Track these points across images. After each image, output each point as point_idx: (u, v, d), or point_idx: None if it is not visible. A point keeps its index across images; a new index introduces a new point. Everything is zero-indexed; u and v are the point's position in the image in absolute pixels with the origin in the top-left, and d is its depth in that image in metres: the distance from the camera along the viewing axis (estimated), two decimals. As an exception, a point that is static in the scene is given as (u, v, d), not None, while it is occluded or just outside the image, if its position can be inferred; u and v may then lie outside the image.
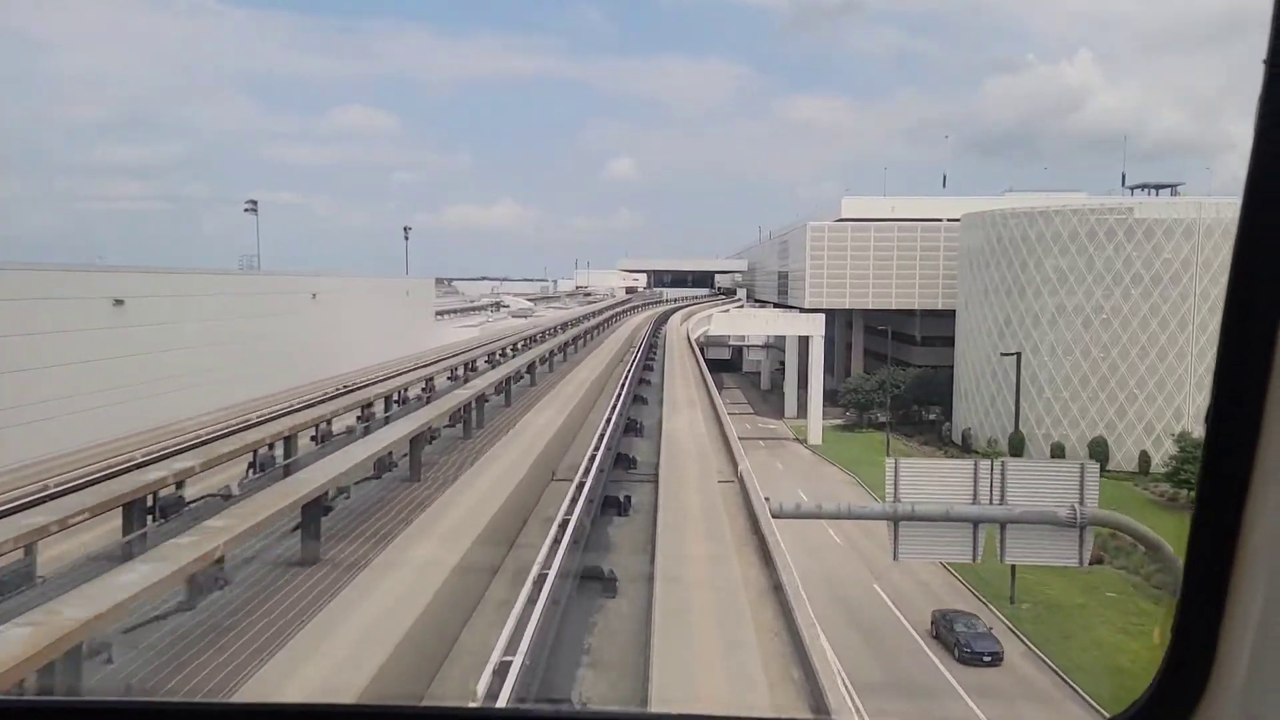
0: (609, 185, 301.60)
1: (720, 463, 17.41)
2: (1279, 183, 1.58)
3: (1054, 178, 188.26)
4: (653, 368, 33.92)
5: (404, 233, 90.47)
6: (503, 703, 6.69)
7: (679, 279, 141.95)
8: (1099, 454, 63.74)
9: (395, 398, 19.39)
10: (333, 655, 7.14)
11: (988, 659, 29.72)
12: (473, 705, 6.54)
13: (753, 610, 9.28)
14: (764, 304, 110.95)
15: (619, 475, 16.60)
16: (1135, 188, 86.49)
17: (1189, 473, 46.74)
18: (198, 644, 7.69)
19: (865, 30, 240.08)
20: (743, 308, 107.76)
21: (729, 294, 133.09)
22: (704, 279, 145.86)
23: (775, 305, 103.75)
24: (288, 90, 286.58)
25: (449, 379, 23.69)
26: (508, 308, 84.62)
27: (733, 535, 12.22)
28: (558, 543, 10.24)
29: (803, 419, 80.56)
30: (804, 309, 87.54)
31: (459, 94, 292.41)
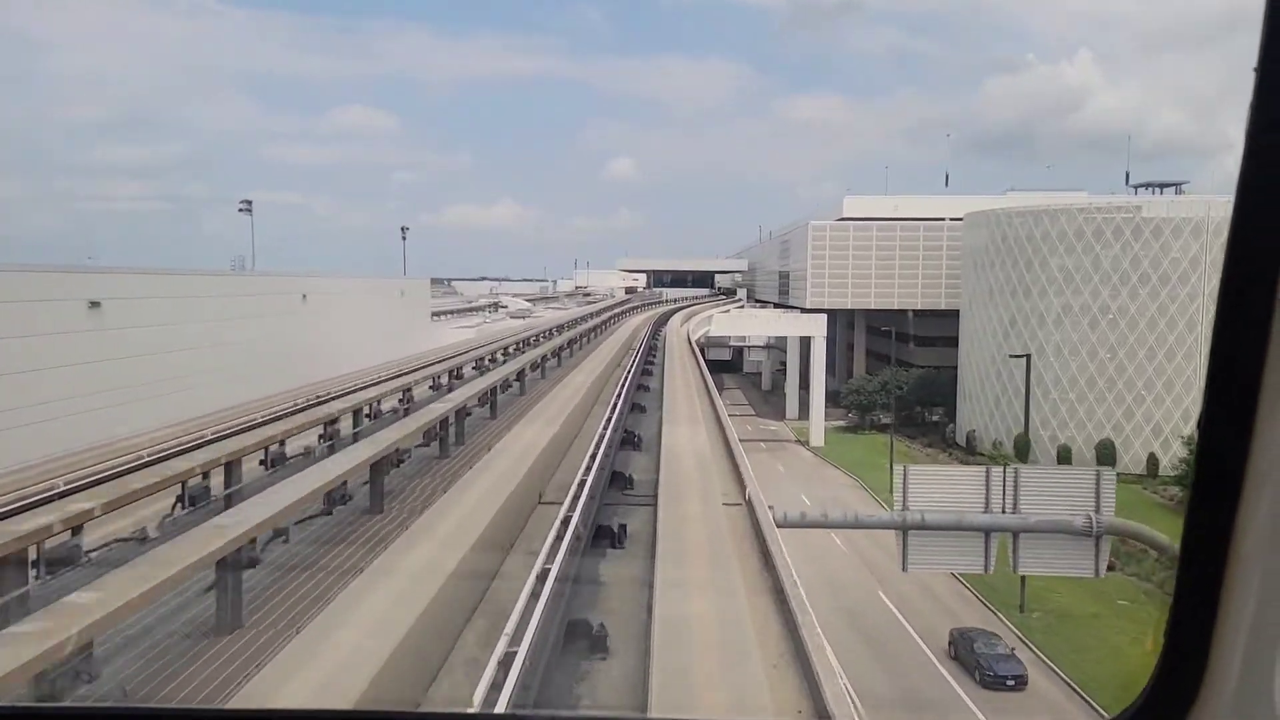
0: (609, 185, 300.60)
1: (725, 482, 15.66)
2: (1269, 187, 1.58)
3: (1054, 177, 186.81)
4: (651, 372, 32.12)
5: (402, 233, 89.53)
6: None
7: (679, 279, 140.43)
8: (1106, 456, 62.38)
9: (368, 411, 17.35)
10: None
11: (1011, 682, 27.87)
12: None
13: (770, 684, 7.53)
14: (764, 304, 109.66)
15: (614, 497, 14.87)
16: (1139, 186, 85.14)
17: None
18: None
19: (865, 30, 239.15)
20: (743, 308, 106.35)
21: (729, 294, 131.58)
22: (704, 279, 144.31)
23: (776, 305, 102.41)
24: (288, 90, 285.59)
25: (431, 388, 21.78)
26: (505, 308, 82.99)
27: (744, 577, 10.46)
28: (536, 596, 8.48)
29: (804, 420, 79.31)
30: (805, 309, 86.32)
31: (459, 94, 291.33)
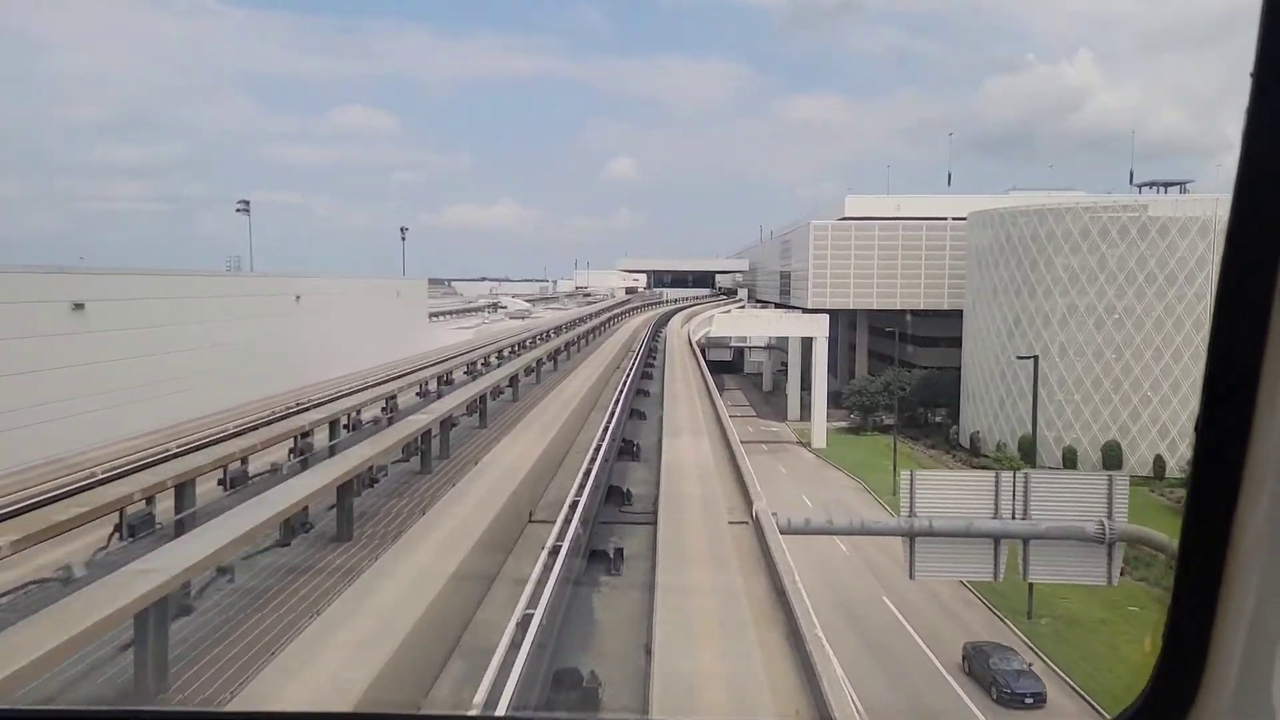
0: (609, 185, 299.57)
1: (730, 496, 14.51)
2: (1266, 188, 1.57)
3: (1056, 177, 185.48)
4: (651, 375, 30.94)
5: (401, 233, 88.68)
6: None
7: (679, 279, 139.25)
8: (1113, 458, 61.30)
9: (346, 421, 16.06)
10: None
11: (1029, 700, 26.64)
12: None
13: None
14: (765, 304, 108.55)
15: (610, 513, 13.71)
16: (1144, 185, 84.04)
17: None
18: None
19: (865, 30, 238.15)
20: (744, 308, 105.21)
21: (730, 294, 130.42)
22: (704, 279, 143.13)
23: (777, 306, 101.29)
24: (288, 90, 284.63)
25: (418, 395, 20.55)
26: (505, 309, 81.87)
27: (751, 608, 9.32)
28: (517, 645, 7.35)
29: (806, 422, 78.24)
30: (807, 309, 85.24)
31: (459, 94, 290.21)
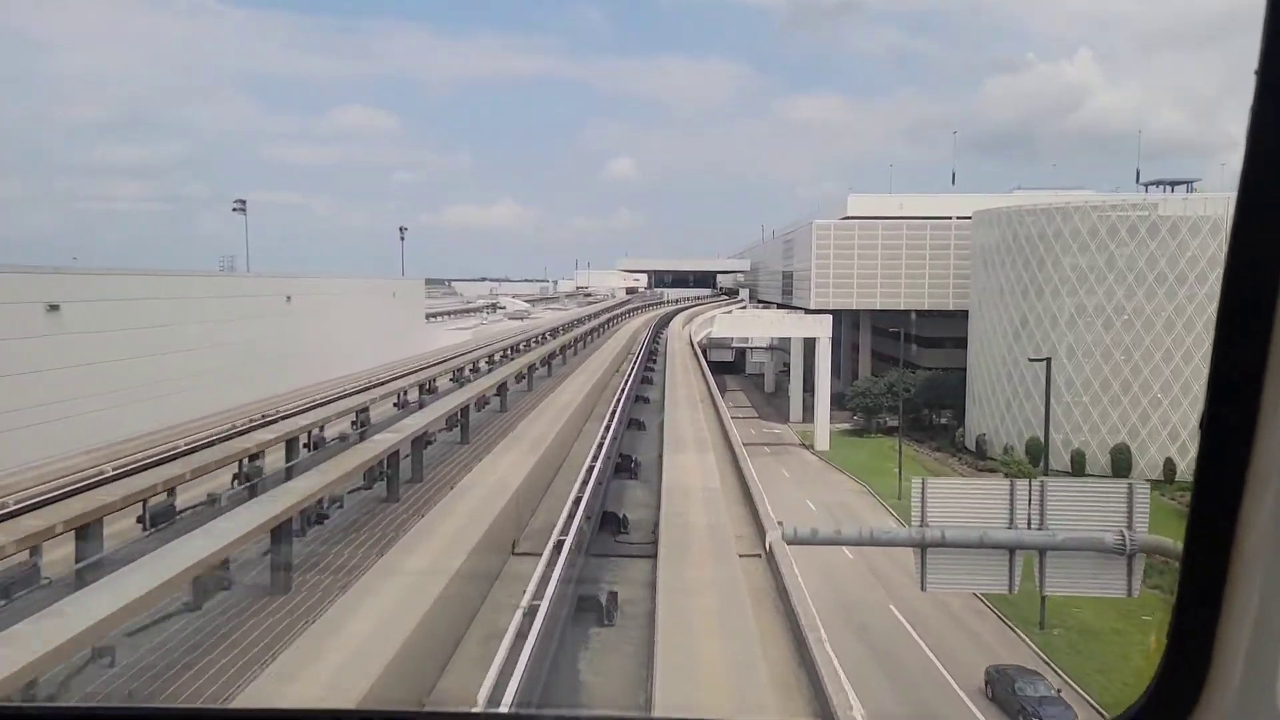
0: (609, 185, 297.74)
1: (739, 523, 12.84)
2: (1271, 188, 1.54)
3: (1056, 177, 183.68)
4: (651, 380, 29.23)
5: (400, 233, 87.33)
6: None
7: (680, 279, 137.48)
8: (1122, 461, 59.73)
9: (307, 440, 14.23)
10: None
11: None
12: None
13: None
14: (767, 305, 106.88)
15: (604, 544, 12.01)
16: (1150, 184, 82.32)
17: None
18: None
19: (864, 30, 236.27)
20: (745, 309, 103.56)
21: (731, 294, 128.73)
22: (705, 279, 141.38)
23: (779, 306, 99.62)
24: (288, 90, 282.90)
25: (396, 405, 18.82)
26: (504, 309, 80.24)
27: (769, 676, 7.66)
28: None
29: (809, 423, 76.57)
30: (809, 310, 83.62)
31: (459, 94, 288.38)
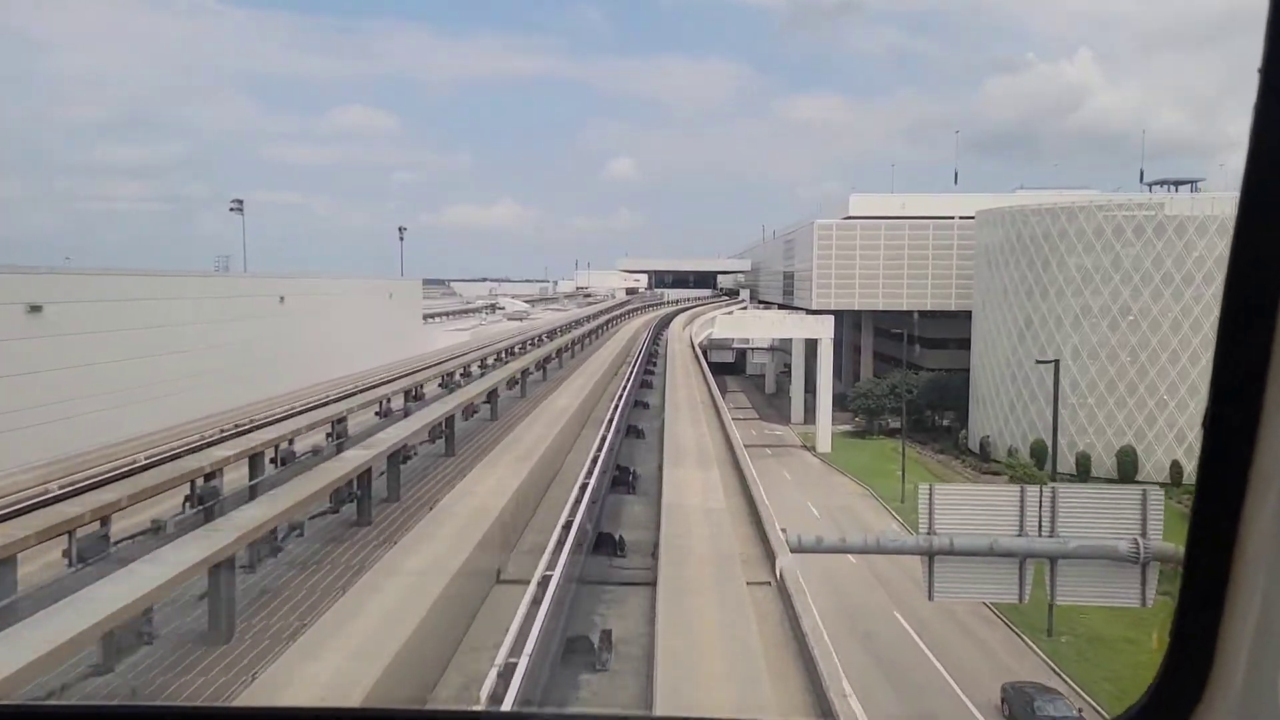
0: (609, 185, 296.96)
1: (745, 543, 11.68)
2: (1274, 189, 1.56)
3: (1057, 177, 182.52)
4: (651, 384, 28.06)
5: (399, 233, 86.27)
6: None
7: (680, 279, 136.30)
8: (1127, 464, 58.64)
9: (274, 455, 12.84)
10: None
11: None
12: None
13: None
14: (768, 305, 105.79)
15: (598, 569, 10.83)
16: (1154, 184, 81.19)
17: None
18: None
19: (865, 30, 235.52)
20: (746, 309, 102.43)
21: (732, 295, 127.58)
22: (706, 279, 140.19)
23: (780, 307, 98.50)
24: (288, 90, 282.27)
25: (378, 415, 17.61)
26: (503, 310, 79.10)
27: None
28: None
29: (810, 425, 75.46)
30: (811, 310, 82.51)
31: (459, 94, 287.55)
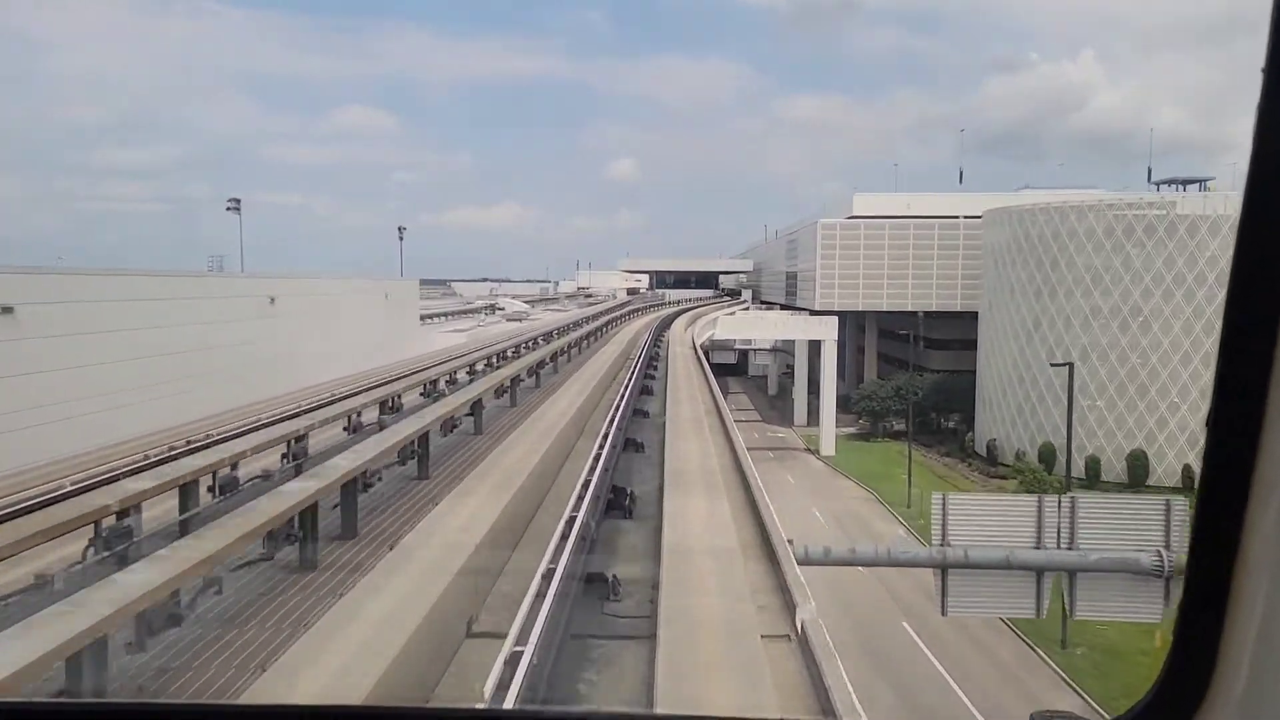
0: (610, 185, 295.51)
1: (760, 589, 10.02)
2: (1277, 187, 1.54)
3: (1061, 176, 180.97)
4: (652, 390, 26.46)
5: (399, 233, 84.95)
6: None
7: (682, 279, 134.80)
8: (1138, 468, 56.96)
9: (211, 483, 11.24)
10: None
11: None
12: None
13: None
14: (770, 305, 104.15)
15: (587, 621, 9.18)
16: (1161, 183, 79.53)
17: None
18: None
19: (865, 29, 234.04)
20: (748, 310, 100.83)
21: (734, 295, 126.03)
22: (707, 279, 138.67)
23: (783, 307, 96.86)
24: (287, 90, 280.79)
25: (345, 430, 16.05)
26: (502, 310, 77.56)
27: None
28: None
29: (814, 427, 73.80)
30: (814, 311, 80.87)
31: (459, 94, 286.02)
